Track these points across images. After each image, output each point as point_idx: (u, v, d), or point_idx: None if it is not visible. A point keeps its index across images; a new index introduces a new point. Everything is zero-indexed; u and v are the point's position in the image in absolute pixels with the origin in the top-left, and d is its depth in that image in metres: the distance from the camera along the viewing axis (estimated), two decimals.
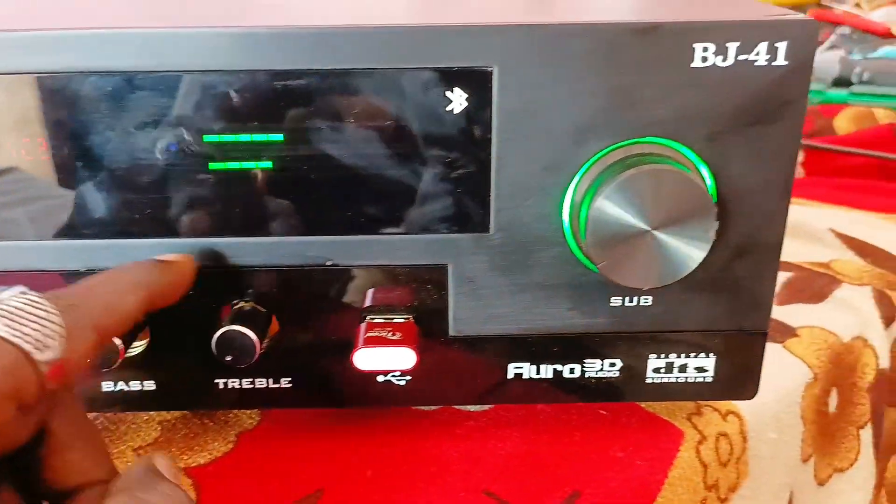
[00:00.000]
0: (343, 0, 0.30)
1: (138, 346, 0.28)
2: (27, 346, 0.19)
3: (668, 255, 0.24)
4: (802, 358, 0.35)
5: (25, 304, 0.19)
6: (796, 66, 0.24)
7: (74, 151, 0.25)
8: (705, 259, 0.26)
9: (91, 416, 0.31)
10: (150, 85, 0.24)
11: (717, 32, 0.24)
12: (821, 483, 0.37)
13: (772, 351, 0.35)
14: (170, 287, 0.25)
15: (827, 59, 0.73)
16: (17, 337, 0.19)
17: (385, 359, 0.26)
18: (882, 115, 0.63)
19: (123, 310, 0.22)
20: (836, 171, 0.56)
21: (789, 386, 0.34)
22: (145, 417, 0.31)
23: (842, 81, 0.71)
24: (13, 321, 0.19)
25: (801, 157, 0.57)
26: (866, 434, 0.38)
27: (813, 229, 0.46)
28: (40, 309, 0.19)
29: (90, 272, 0.26)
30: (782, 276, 0.41)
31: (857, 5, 0.96)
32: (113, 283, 0.23)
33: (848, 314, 0.38)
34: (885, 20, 0.85)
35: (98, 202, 0.25)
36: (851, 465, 0.38)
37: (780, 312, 0.38)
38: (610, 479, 0.28)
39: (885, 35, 0.81)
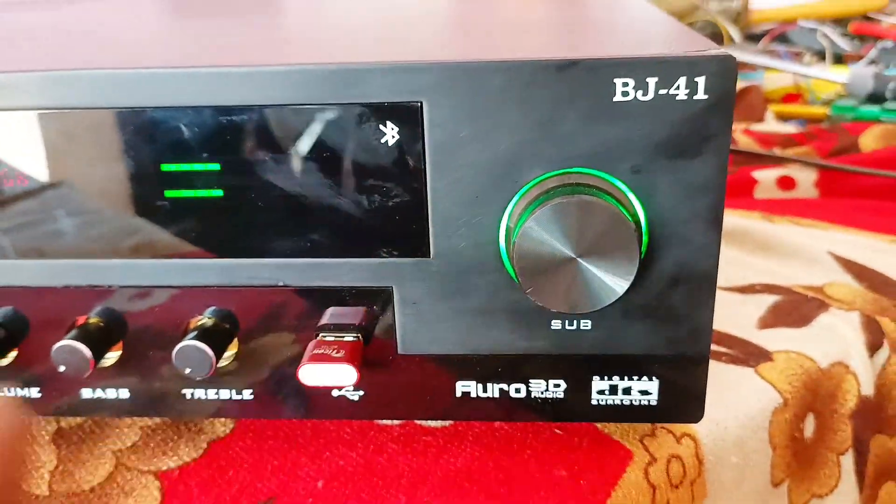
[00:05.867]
0: (279, 40, 0.32)
1: (111, 357, 0.30)
2: None
3: (592, 283, 0.25)
4: (773, 383, 0.35)
5: None
6: (717, 100, 0.25)
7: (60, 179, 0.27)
8: (641, 286, 0.27)
9: (77, 420, 0.33)
10: (106, 120, 0.26)
11: (637, 68, 0.24)
12: None
13: (742, 375, 0.36)
14: None
15: (862, 75, 0.71)
16: None
17: (328, 375, 0.28)
18: None
19: None
20: (854, 192, 0.55)
21: (754, 411, 0.34)
22: (129, 422, 0.33)
23: (875, 97, 0.69)
24: None
25: (815, 177, 0.56)
26: (847, 461, 0.38)
27: (812, 252, 0.45)
28: None
29: (66, 288, 0.29)
30: (770, 300, 0.41)
31: None
32: None
33: (831, 340, 0.38)
34: None
35: (74, 226, 0.28)
36: (831, 490, 0.37)
37: (759, 336, 0.38)
38: (549, 499, 0.29)
39: None
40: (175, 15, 0.44)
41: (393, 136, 0.26)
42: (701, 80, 0.24)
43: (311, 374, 0.28)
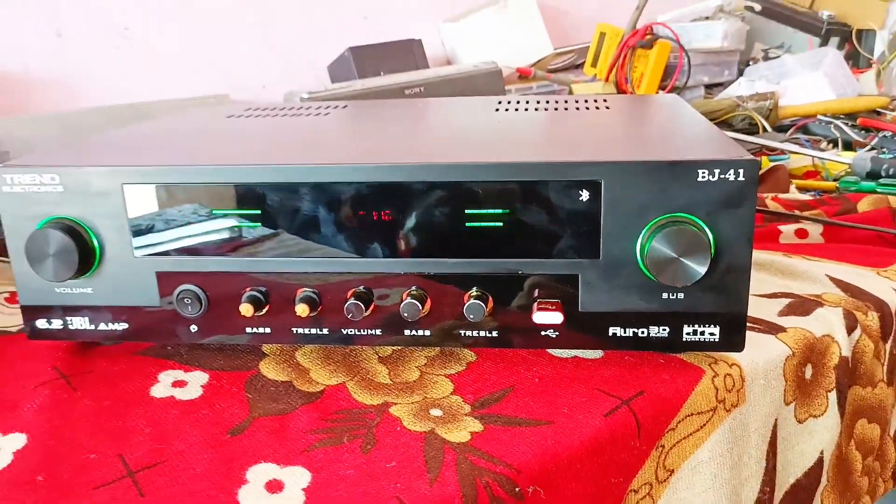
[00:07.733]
0: (509, 142, 0.59)
1: (424, 311, 0.56)
2: None
3: (687, 270, 0.51)
4: (786, 342, 0.60)
5: None
6: (748, 181, 0.51)
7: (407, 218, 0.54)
8: (709, 274, 0.53)
9: (387, 350, 0.59)
10: (448, 188, 0.53)
11: (710, 165, 0.51)
12: (800, 422, 0.61)
13: (767, 339, 0.61)
14: None
15: (863, 157, 0.96)
16: None
17: (548, 317, 0.54)
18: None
19: None
20: (850, 241, 0.80)
21: (774, 356, 0.59)
22: (417, 352, 0.59)
23: (872, 174, 0.94)
24: None
25: (822, 229, 0.81)
26: (832, 396, 0.62)
27: (815, 275, 0.70)
28: None
29: (406, 274, 0.56)
30: (786, 301, 0.66)
31: None
32: None
33: (823, 323, 0.63)
34: None
35: (413, 240, 0.55)
36: (822, 413, 0.62)
37: (779, 320, 0.63)
38: (660, 388, 0.54)
39: None
40: (408, 124, 0.72)
41: (585, 197, 0.52)
42: (741, 170, 0.50)
43: (540, 317, 0.54)
